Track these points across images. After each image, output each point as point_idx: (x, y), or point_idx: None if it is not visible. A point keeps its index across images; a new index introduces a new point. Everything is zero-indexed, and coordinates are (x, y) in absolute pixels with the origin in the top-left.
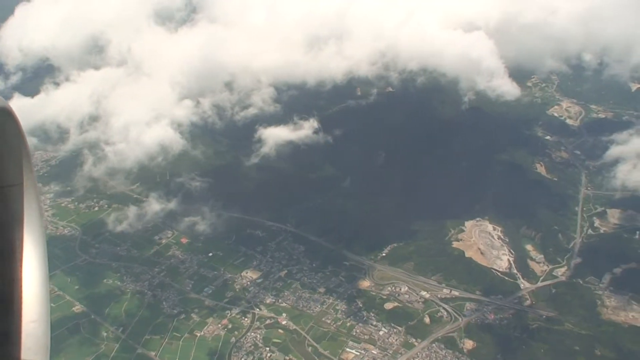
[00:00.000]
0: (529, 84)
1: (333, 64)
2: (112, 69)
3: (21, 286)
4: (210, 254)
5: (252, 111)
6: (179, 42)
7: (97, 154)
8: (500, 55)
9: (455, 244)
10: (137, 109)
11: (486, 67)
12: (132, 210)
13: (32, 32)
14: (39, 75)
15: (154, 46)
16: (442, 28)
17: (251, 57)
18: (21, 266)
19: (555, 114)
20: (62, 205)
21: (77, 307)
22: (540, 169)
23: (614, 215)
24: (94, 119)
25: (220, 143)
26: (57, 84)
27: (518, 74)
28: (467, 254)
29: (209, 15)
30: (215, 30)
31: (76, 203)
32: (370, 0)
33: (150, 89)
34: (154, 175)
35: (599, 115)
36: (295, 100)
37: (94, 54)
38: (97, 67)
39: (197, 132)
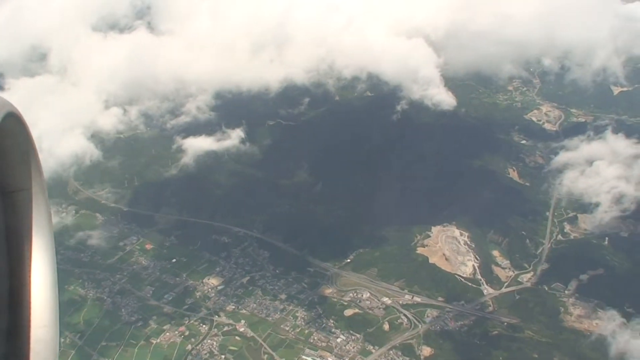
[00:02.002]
0: (510, 88)
1: (273, 71)
2: (48, 77)
3: (30, 291)
4: (174, 260)
5: (184, 119)
6: (114, 49)
7: None
8: (453, 62)
9: (419, 250)
10: (58, 118)
11: (422, 76)
12: None
13: None
14: None
15: (89, 53)
16: (389, 35)
17: (188, 65)
18: (30, 271)
19: (534, 118)
20: None
21: None
22: (513, 174)
23: (584, 221)
24: None
25: (140, 152)
26: None
27: (479, 80)
28: (431, 260)
29: (151, 22)
30: (151, 37)
31: None
32: (314, 7)
33: (78, 97)
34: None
35: (579, 119)
36: (231, 108)
37: (36, 61)
38: (34, 75)
39: (121, 141)
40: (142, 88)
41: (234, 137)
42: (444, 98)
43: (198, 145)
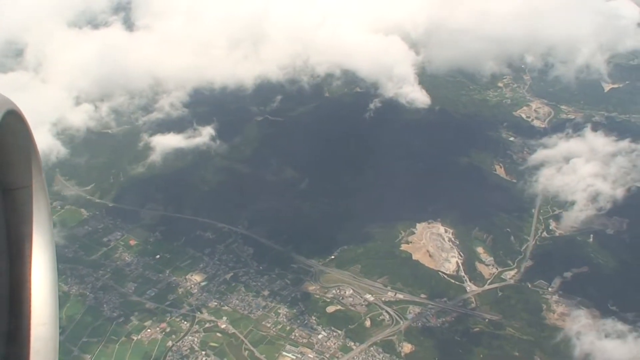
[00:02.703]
0: (500, 84)
1: (249, 67)
2: (23, 73)
3: (30, 289)
4: (158, 256)
5: (156, 116)
6: (87, 45)
7: None
8: (435, 59)
9: (403, 247)
10: (27, 115)
11: (397, 73)
12: None
13: None
14: None
15: (63, 49)
16: (368, 32)
17: (163, 61)
18: (30, 269)
19: (523, 115)
20: None
21: None
22: (500, 171)
23: (570, 218)
24: None
25: (108, 149)
26: None
27: (465, 76)
28: (415, 257)
29: (128, 18)
30: (126, 33)
31: None
32: (291, 3)
33: (49, 93)
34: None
35: (569, 115)
36: (205, 104)
37: (12, 57)
38: (8, 71)
39: (91, 138)
40: (114, 84)
41: (205, 135)
42: (417, 96)
43: (167, 142)
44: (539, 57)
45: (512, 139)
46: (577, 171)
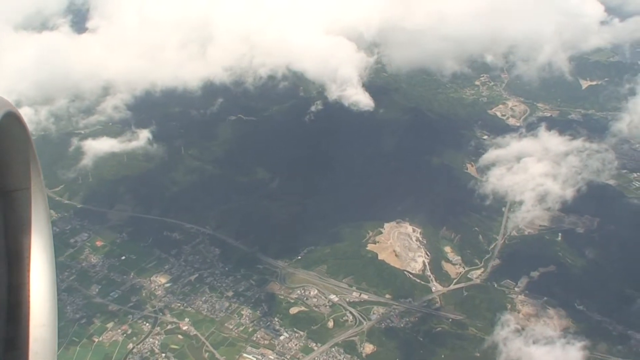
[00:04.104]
0: (477, 82)
1: (195, 69)
2: None
3: (29, 291)
4: (123, 258)
5: (97, 118)
6: (30, 48)
7: None
8: (394, 60)
9: (369, 247)
10: None
11: (341, 75)
12: None
13: None
14: None
15: (4, 52)
16: (320, 34)
17: (108, 63)
18: (29, 270)
19: (498, 113)
20: None
21: None
22: (471, 169)
23: (539, 217)
24: None
25: (43, 153)
26: None
27: (419, 74)
28: (380, 257)
29: (76, 20)
30: (72, 36)
31: None
32: (240, 4)
33: None
34: None
35: (544, 113)
36: (147, 107)
37: None
38: None
39: None
40: (56, 87)
41: (142, 138)
42: (360, 98)
43: (99, 146)
44: (500, 56)
45: (485, 137)
46: (528, 170)
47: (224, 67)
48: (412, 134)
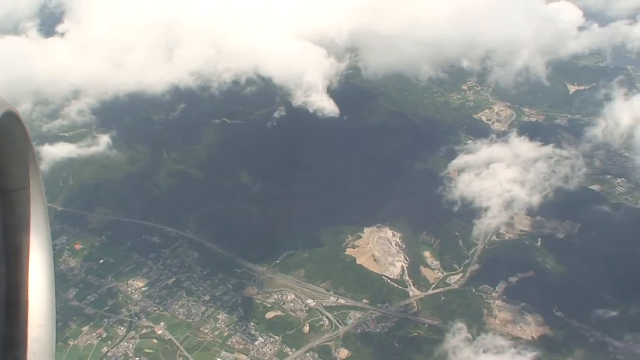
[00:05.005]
0: (464, 87)
1: (162, 73)
2: None
3: (27, 290)
4: (102, 261)
5: (60, 122)
6: None
7: None
8: (369, 65)
9: (348, 251)
10: None
11: (306, 81)
12: None
13: None
14: None
15: None
16: (290, 39)
17: (74, 67)
18: (27, 270)
19: (484, 118)
20: None
21: None
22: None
23: (520, 222)
24: None
25: None
26: None
27: (401, 79)
28: (359, 261)
29: (44, 23)
30: (39, 40)
31: None
32: (208, 9)
33: None
34: None
35: (530, 118)
36: (111, 111)
37: None
38: None
39: None
40: (19, 91)
41: (102, 143)
42: (325, 105)
43: (57, 151)
44: (477, 61)
45: (470, 142)
46: (496, 176)
47: (191, 72)
48: (394, 139)
